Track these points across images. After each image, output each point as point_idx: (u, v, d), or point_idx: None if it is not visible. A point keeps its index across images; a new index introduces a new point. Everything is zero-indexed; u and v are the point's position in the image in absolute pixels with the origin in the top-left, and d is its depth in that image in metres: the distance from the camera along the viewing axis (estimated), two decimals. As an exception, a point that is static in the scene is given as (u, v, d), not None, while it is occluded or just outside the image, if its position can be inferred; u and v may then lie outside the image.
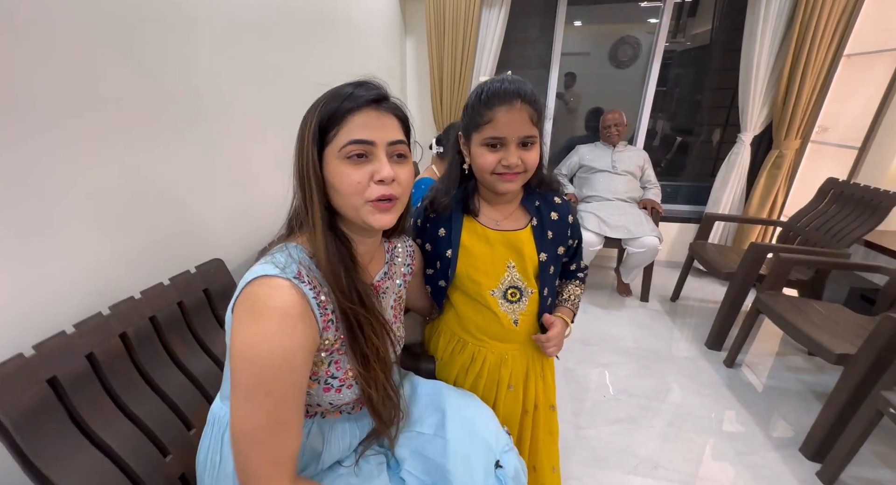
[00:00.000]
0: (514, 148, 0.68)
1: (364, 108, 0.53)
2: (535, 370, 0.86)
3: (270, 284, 0.50)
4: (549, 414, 0.89)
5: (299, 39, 1.37)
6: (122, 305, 0.69)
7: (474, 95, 0.70)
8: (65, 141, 0.65)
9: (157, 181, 0.83)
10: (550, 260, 0.79)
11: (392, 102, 0.57)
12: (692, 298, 2.39)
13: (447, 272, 0.78)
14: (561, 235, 0.80)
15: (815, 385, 1.64)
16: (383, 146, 0.54)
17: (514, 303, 0.79)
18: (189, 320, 0.82)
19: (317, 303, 0.53)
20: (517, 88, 0.66)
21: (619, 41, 2.67)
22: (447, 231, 0.78)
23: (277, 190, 0.68)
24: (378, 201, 0.54)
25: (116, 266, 0.75)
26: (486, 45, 2.47)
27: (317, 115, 0.53)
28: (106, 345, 0.64)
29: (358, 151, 0.52)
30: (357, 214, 0.54)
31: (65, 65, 0.64)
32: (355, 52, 1.86)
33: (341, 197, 0.54)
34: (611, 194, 2.28)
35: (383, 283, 0.68)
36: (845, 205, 1.87)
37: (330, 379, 0.58)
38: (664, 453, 1.32)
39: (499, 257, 0.77)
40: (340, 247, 0.56)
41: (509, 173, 0.70)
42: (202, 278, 0.87)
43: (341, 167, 0.53)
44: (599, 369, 1.74)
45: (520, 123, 0.67)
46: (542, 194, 0.80)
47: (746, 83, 2.26)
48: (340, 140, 0.52)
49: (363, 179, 0.53)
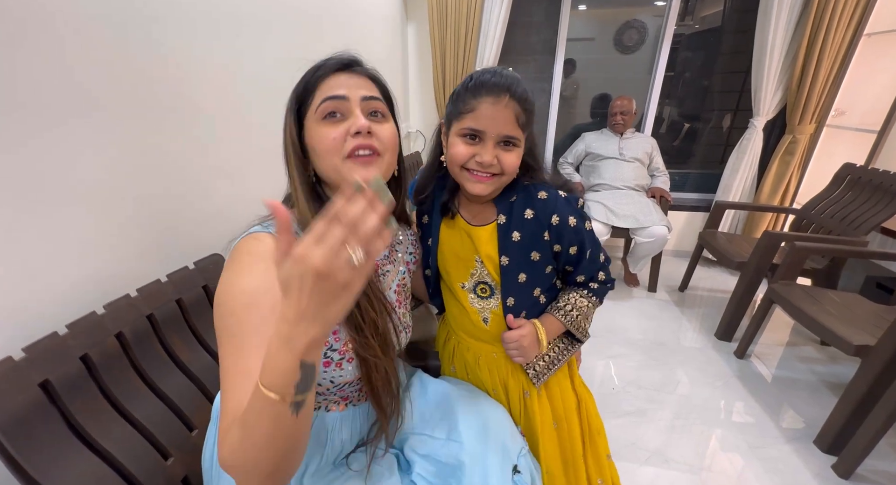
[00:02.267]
0: (491, 145, 0.61)
1: (335, 73, 0.55)
2: (516, 383, 0.75)
3: (252, 236, 0.53)
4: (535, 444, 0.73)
5: (298, 28, 1.32)
6: (118, 304, 0.66)
7: (463, 83, 0.64)
8: (55, 139, 0.61)
9: (151, 176, 0.80)
10: (518, 266, 0.67)
11: (364, 67, 0.58)
12: (701, 288, 2.35)
13: (428, 261, 0.76)
14: (534, 237, 0.67)
15: (828, 376, 1.61)
16: (357, 101, 0.54)
17: (484, 299, 0.73)
18: (188, 318, 0.79)
19: None
20: (508, 83, 0.60)
21: (624, 26, 2.59)
22: (429, 219, 0.75)
23: (274, 182, 0.65)
24: (356, 156, 0.53)
25: (111, 264, 0.72)
26: (489, 30, 2.39)
27: (294, 89, 0.56)
28: (101, 346, 0.61)
29: (332, 108, 0.53)
30: (338, 173, 0.54)
31: (53, 62, 0.61)
32: (355, 39, 1.80)
33: (321, 158, 0.54)
34: (619, 182, 2.23)
35: (383, 264, 0.66)
36: (862, 191, 1.82)
37: (329, 351, 0.55)
38: (674, 445, 1.29)
39: (468, 250, 0.71)
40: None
41: (481, 172, 0.62)
42: (201, 274, 0.84)
43: (319, 128, 0.53)
44: (606, 360, 1.71)
45: (504, 120, 0.60)
46: (525, 188, 0.68)
47: (760, 66, 2.17)
48: (316, 101, 0.54)
49: (339, 135, 0.53)
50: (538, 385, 0.73)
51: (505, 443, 0.63)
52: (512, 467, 0.61)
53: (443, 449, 0.63)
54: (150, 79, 0.79)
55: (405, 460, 0.65)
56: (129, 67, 0.74)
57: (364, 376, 0.57)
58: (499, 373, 0.76)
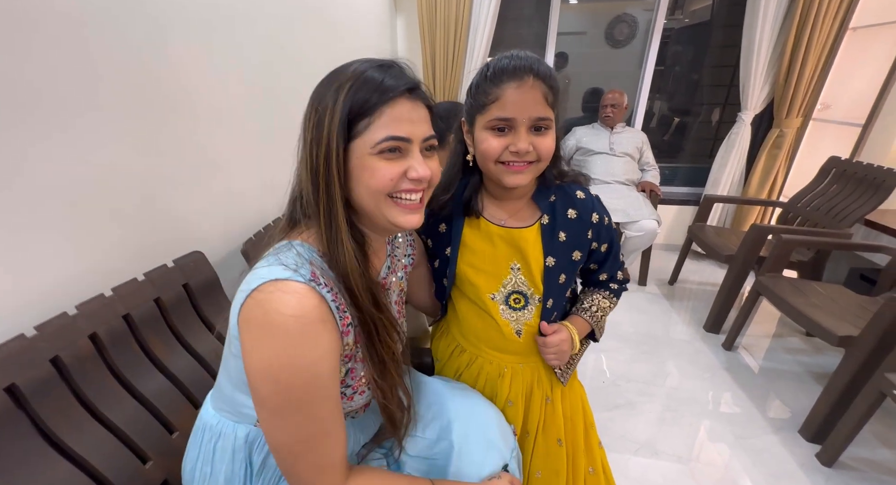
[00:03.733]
0: (524, 132, 0.58)
1: (399, 99, 0.48)
2: (540, 390, 0.74)
3: (283, 288, 0.44)
4: (555, 450, 0.73)
5: (281, 20, 1.28)
6: (91, 304, 0.64)
7: (479, 73, 0.61)
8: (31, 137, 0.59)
9: (128, 170, 0.77)
10: (560, 267, 0.67)
11: (422, 91, 0.52)
12: (690, 281, 2.37)
13: (447, 271, 0.71)
14: (578, 237, 0.67)
15: (814, 367, 1.64)
16: (418, 142, 0.49)
17: (518, 310, 0.69)
18: (168, 318, 0.77)
19: (336, 306, 0.47)
20: (529, 63, 0.57)
21: (615, 19, 2.59)
22: (448, 227, 0.70)
23: (256, 178, 0.62)
24: (402, 200, 0.50)
25: (83, 262, 0.69)
26: (479, 23, 2.37)
27: (343, 104, 0.46)
28: (73, 347, 0.59)
29: (393, 147, 0.47)
30: (378, 210, 0.49)
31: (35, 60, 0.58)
32: (342, 32, 1.76)
33: (367, 192, 0.48)
34: (609, 177, 2.23)
35: (387, 279, 0.63)
36: (847, 184, 1.84)
37: (344, 388, 0.53)
38: (663, 436, 1.31)
39: (501, 257, 0.67)
40: (356, 246, 0.50)
41: (518, 162, 0.59)
42: (181, 272, 0.82)
43: (373, 162, 0.47)
44: (597, 354, 1.72)
45: (532, 103, 0.57)
46: (560, 188, 0.68)
47: (748, 60, 2.19)
48: (375, 135, 0.47)
49: (396, 175, 0.48)
50: (565, 383, 0.74)
51: (496, 443, 0.62)
52: (503, 466, 0.60)
53: (433, 448, 0.62)
54: (131, 74, 0.76)
55: (394, 460, 0.64)
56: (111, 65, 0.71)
57: (381, 404, 0.56)
58: (523, 382, 0.73)
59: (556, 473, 0.73)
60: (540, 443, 0.74)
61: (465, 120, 0.65)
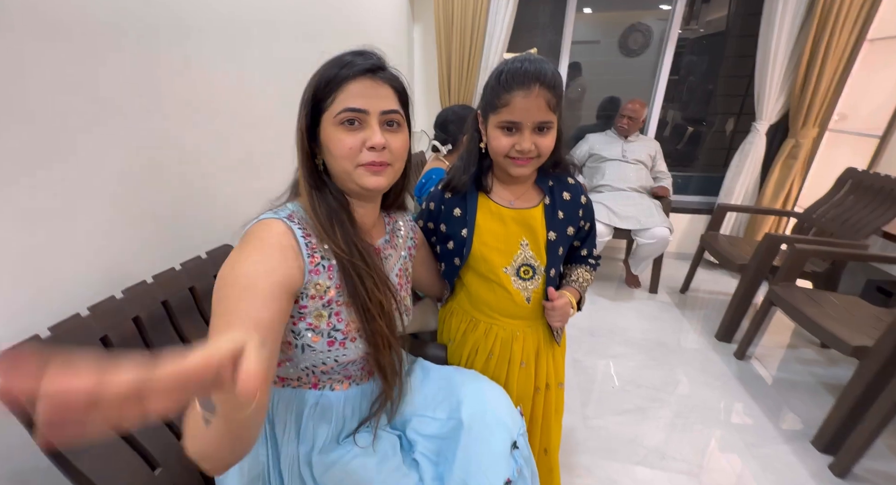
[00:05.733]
0: (528, 133, 0.68)
1: (360, 77, 0.55)
2: (546, 348, 0.86)
3: (262, 223, 0.55)
4: (559, 392, 0.91)
5: (308, 28, 1.35)
6: (135, 290, 0.69)
7: (494, 76, 0.69)
8: (82, 139, 0.64)
9: (169, 167, 0.83)
10: (559, 240, 0.79)
11: (389, 72, 0.58)
12: (702, 289, 2.36)
13: (462, 251, 0.79)
14: (572, 215, 0.80)
15: (828, 378, 1.62)
16: (376, 115, 0.55)
17: (527, 280, 0.80)
18: (200, 305, 0.82)
19: (305, 243, 0.55)
20: (536, 71, 0.65)
21: (629, 29, 2.61)
22: (462, 211, 0.79)
23: (283, 175, 0.67)
24: (370, 165, 0.56)
25: (129, 251, 0.75)
26: (494, 32, 2.42)
27: (314, 81, 0.56)
28: (120, 328, 0.64)
29: (350, 118, 0.54)
30: (349, 177, 0.57)
31: (109, 67, 0.64)
32: (362, 37, 1.83)
33: (335, 160, 0.56)
34: (622, 183, 2.25)
35: (385, 249, 0.69)
36: (864, 195, 1.83)
37: (333, 332, 0.58)
38: (672, 443, 1.31)
39: (512, 235, 0.78)
40: (333, 202, 0.58)
41: (521, 158, 0.70)
42: (213, 263, 0.87)
43: (336, 132, 0.55)
44: (607, 360, 1.73)
45: (536, 109, 0.66)
46: (555, 175, 0.81)
47: (763, 71, 2.19)
48: (336, 107, 0.54)
49: (355, 145, 0.55)
50: (559, 343, 0.88)
51: (505, 421, 0.65)
52: (511, 443, 0.63)
53: (444, 428, 0.65)
54: (173, 73, 0.82)
55: (407, 442, 0.68)
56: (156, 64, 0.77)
57: (371, 354, 0.60)
58: (534, 342, 0.84)
59: (557, 411, 0.91)
60: (551, 393, 0.88)
61: (480, 112, 0.75)
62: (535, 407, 0.87)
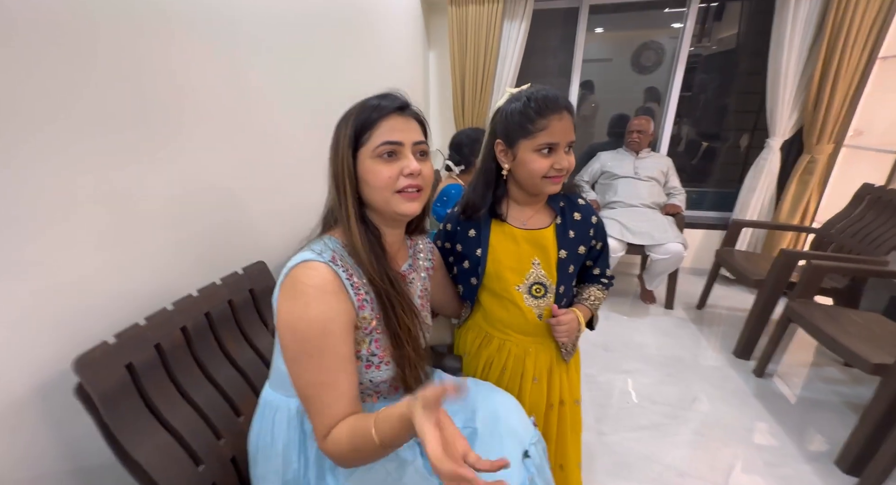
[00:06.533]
0: (563, 153, 0.75)
1: (392, 115, 0.62)
2: (559, 365, 0.89)
3: (308, 266, 0.59)
4: (574, 409, 0.92)
5: (332, 56, 1.46)
6: (183, 302, 0.76)
7: (521, 105, 0.74)
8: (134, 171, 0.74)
9: (212, 189, 0.92)
10: (570, 259, 0.83)
11: (413, 109, 0.66)
12: (719, 306, 2.33)
13: (477, 270, 0.84)
14: (583, 234, 0.84)
15: (852, 397, 1.58)
16: (409, 145, 0.63)
17: (539, 298, 0.83)
18: (237, 317, 0.89)
19: (350, 283, 0.61)
20: (562, 98, 0.74)
21: (642, 46, 2.67)
22: (477, 232, 0.84)
23: (312, 196, 0.75)
24: (406, 192, 0.62)
25: (177, 268, 0.83)
26: (507, 55, 2.53)
27: (351, 124, 0.62)
28: (170, 337, 0.71)
29: (390, 151, 0.61)
30: (387, 204, 0.63)
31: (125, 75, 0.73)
32: (381, 65, 1.95)
33: (374, 190, 0.62)
34: (634, 199, 2.28)
35: (409, 273, 0.75)
36: (883, 211, 1.81)
37: (371, 357, 0.64)
38: (689, 461, 1.30)
39: (524, 255, 0.82)
40: (370, 236, 0.64)
41: (558, 176, 0.76)
42: (248, 279, 0.94)
43: (375, 165, 0.61)
44: (622, 375, 1.73)
45: (569, 130, 0.74)
46: (566, 196, 0.85)
47: (774, 88, 2.22)
48: (374, 142, 0.61)
49: (393, 174, 0.61)
50: (568, 361, 0.90)
51: (517, 430, 0.69)
52: (523, 452, 0.67)
53: None
54: (217, 101, 0.92)
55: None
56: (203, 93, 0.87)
57: (399, 375, 0.66)
58: (547, 359, 0.88)
59: (574, 429, 0.92)
60: (566, 410, 0.90)
61: (501, 142, 0.78)
62: (549, 423, 0.90)
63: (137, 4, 0.72)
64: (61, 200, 0.62)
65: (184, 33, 0.83)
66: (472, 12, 2.43)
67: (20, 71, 0.56)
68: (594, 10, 2.58)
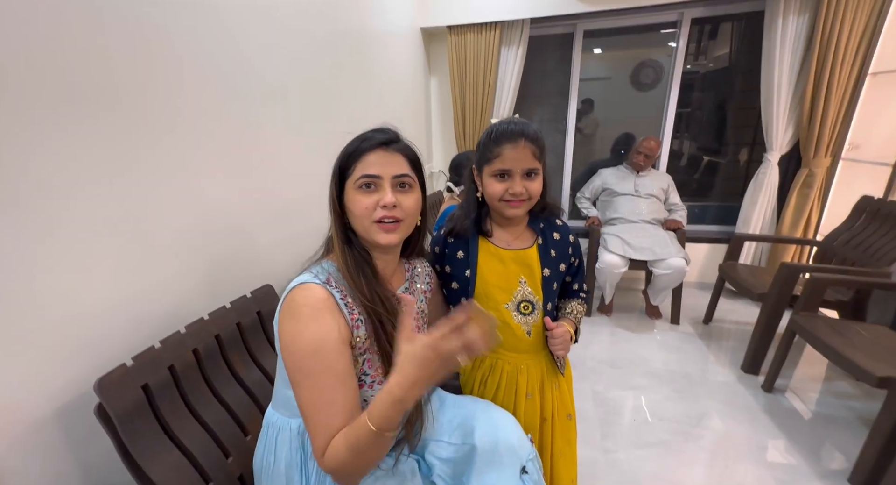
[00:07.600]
0: (518, 179, 0.79)
1: (375, 149, 0.67)
2: (550, 379, 0.92)
3: (304, 287, 0.63)
4: (567, 423, 0.94)
5: (338, 87, 1.55)
6: (195, 326, 0.81)
7: (485, 135, 0.82)
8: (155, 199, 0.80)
9: (216, 222, 0.98)
10: (553, 276, 0.88)
11: (402, 144, 0.70)
12: (726, 320, 2.32)
13: (467, 290, 0.87)
14: (562, 253, 0.89)
15: (865, 412, 1.55)
16: (388, 179, 0.66)
17: (527, 315, 0.87)
18: (245, 339, 0.93)
19: (344, 303, 0.64)
20: (521, 129, 0.78)
21: (640, 65, 2.74)
22: (465, 253, 0.88)
23: (318, 222, 0.80)
24: (381, 222, 0.66)
25: (189, 293, 0.88)
26: (505, 79, 2.63)
27: (340, 155, 0.68)
28: (183, 359, 0.76)
29: (367, 182, 0.65)
30: (367, 233, 0.67)
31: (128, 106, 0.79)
32: (384, 93, 2.05)
33: (355, 218, 0.67)
34: (635, 216, 2.30)
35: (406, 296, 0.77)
36: (883, 223, 1.81)
37: (363, 376, 0.67)
38: (698, 478, 1.28)
39: (511, 274, 0.86)
40: (359, 259, 0.68)
41: (515, 200, 0.81)
42: (256, 302, 0.99)
43: (355, 195, 0.66)
44: (629, 392, 1.72)
45: (523, 158, 0.78)
46: (545, 218, 0.91)
47: (768, 104, 2.27)
48: (356, 174, 0.66)
49: (370, 205, 0.65)
50: (563, 372, 0.94)
51: (514, 446, 0.71)
52: (521, 468, 0.69)
53: (458, 452, 0.72)
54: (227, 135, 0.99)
55: (426, 465, 0.74)
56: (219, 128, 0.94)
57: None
58: (537, 375, 0.90)
59: (569, 442, 0.94)
60: (557, 423, 0.92)
61: (475, 167, 0.87)
62: (544, 437, 0.92)
63: (154, 49, 0.80)
64: (84, 235, 0.67)
65: (196, 73, 0.90)
66: (470, 40, 2.55)
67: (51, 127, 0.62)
68: (588, 34, 2.68)
